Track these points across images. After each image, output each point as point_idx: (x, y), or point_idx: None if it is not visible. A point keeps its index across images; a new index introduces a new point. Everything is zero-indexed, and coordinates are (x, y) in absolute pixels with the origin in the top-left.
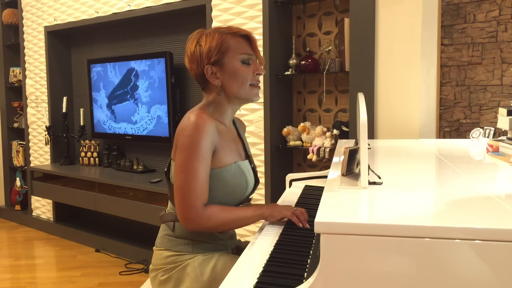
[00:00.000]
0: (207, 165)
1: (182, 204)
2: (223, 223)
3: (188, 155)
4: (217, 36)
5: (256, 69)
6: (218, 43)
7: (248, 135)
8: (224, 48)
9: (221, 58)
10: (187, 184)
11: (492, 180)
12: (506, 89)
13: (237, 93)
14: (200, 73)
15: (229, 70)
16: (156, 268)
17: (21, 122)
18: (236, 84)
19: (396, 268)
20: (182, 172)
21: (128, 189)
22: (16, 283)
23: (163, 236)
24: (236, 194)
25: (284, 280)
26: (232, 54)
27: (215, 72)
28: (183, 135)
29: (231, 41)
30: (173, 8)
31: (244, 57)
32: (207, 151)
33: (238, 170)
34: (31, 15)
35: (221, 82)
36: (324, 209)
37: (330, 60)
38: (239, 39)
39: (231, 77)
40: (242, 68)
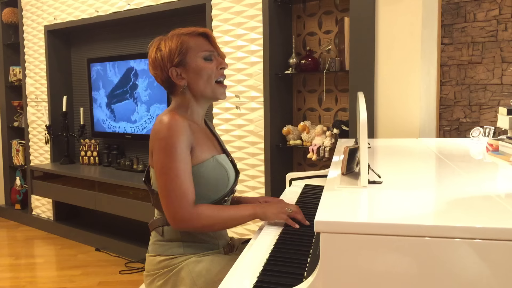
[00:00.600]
0: (187, 163)
1: (170, 206)
2: (214, 223)
3: (166, 156)
4: (176, 38)
5: (219, 63)
6: (178, 44)
7: (248, 134)
8: (184, 49)
9: (184, 59)
10: (170, 185)
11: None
12: (506, 88)
13: (204, 91)
14: (165, 77)
15: (193, 69)
16: (150, 274)
17: (21, 121)
18: (202, 82)
19: (396, 267)
20: (163, 174)
21: (128, 188)
22: (16, 282)
23: (154, 242)
24: (220, 188)
25: (284, 279)
26: (194, 53)
27: (180, 73)
28: (158, 138)
29: (190, 41)
30: (173, 7)
31: (206, 54)
32: (185, 150)
33: (217, 163)
34: (31, 14)
35: (187, 82)
36: (324, 208)
37: (330, 59)
38: (197, 38)
39: (196, 75)
40: (206, 65)
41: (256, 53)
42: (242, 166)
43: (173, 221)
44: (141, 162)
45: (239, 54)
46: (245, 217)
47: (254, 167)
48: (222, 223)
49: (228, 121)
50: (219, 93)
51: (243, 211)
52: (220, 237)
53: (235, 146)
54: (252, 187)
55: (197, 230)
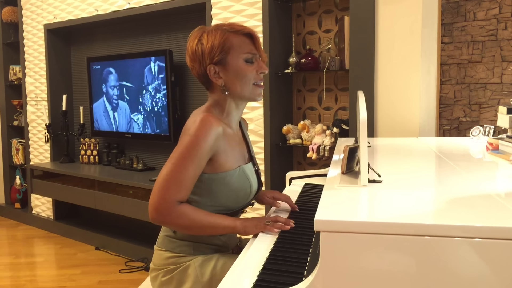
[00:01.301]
0: (199, 167)
1: (158, 193)
2: (190, 225)
3: (184, 151)
4: (220, 34)
5: (260, 67)
6: (221, 42)
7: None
8: (227, 47)
9: (224, 58)
10: (172, 176)
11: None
12: (506, 87)
13: (241, 92)
14: (202, 72)
15: (232, 70)
16: (156, 268)
17: (21, 120)
18: (239, 84)
19: (395, 266)
20: (171, 164)
21: (128, 187)
22: (16, 281)
23: (164, 236)
24: (240, 199)
25: (284, 278)
26: (236, 53)
27: (218, 72)
28: (186, 133)
29: (234, 40)
30: (172, 6)
31: (248, 56)
32: (204, 155)
33: (242, 174)
34: (30, 13)
35: (224, 82)
36: (324, 207)
37: (330, 58)
38: (241, 38)
39: (234, 77)
40: (246, 67)
41: None
42: None
43: (152, 209)
44: (140, 161)
45: None
46: (224, 228)
47: None
48: (199, 227)
49: None
50: (256, 95)
51: (223, 221)
52: (230, 239)
53: None
54: None
55: (171, 227)
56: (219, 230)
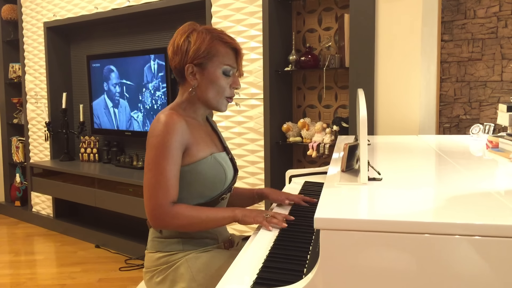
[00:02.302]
0: (176, 163)
1: (150, 202)
2: (190, 223)
3: (156, 153)
4: (208, 39)
5: (234, 82)
6: (208, 46)
7: (248, 131)
8: (211, 54)
9: (206, 62)
10: (154, 182)
11: (491, 176)
12: (506, 85)
13: (209, 100)
14: (180, 67)
15: (208, 76)
16: (149, 270)
17: (21, 118)
18: (211, 91)
19: (395, 264)
20: (150, 170)
21: (128, 185)
22: (16, 279)
23: (152, 239)
24: (216, 186)
25: (283, 276)
26: (217, 62)
27: (194, 72)
28: (153, 135)
29: (220, 49)
30: (172, 3)
31: (227, 68)
32: (177, 150)
33: (215, 161)
34: (30, 10)
35: (197, 83)
36: (323, 205)
37: (330, 56)
38: (227, 49)
39: (208, 83)
40: (221, 78)
41: (256, 50)
42: (242, 163)
43: (150, 217)
44: (140, 159)
45: None
46: (224, 219)
47: (254, 164)
48: (200, 223)
49: (227, 118)
50: (222, 106)
51: (222, 213)
52: (219, 233)
53: (235, 143)
54: (252, 184)
55: (173, 229)
56: (219, 222)
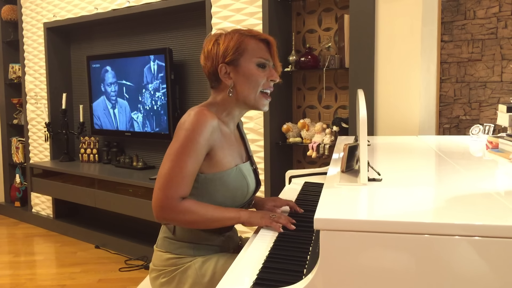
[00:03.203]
0: (197, 161)
1: (160, 191)
2: (196, 220)
3: (181, 146)
4: (237, 36)
5: (271, 75)
6: (237, 43)
7: (248, 132)
8: (241, 49)
9: (237, 59)
10: (171, 173)
11: (491, 176)
12: (506, 86)
13: (247, 96)
14: (213, 70)
15: (243, 72)
16: (156, 269)
17: (21, 118)
18: (248, 87)
19: (395, 264)
20: (170, 161)
21: (128, 185)
22: (16, 280)
23: (163, 238)
24: (237, 198)
25: (283, 277)
26: (249, 57)
27: (229, 72)
28: (181, 128)
29: (249, 43)
30: (172, 4)
31: (261, 61)
32: (201, 148)
33: (239, 173)
34: (30, 11)
35: (233, 83)
36: (323, 205)
37: (330, 56)
38: (258, 43)
39: (244, 79)
40: (257, 72)
41: None
42: None
43: (156, 207)
44: (140, 160)
45: None
46: (229, 220)
47: None
48: (204, 222)
49: None
50: (261, 104)
51: (228, 214)
52: (231, 240)
53: None
54: None
55: (176, 224)
56: (224, 222)
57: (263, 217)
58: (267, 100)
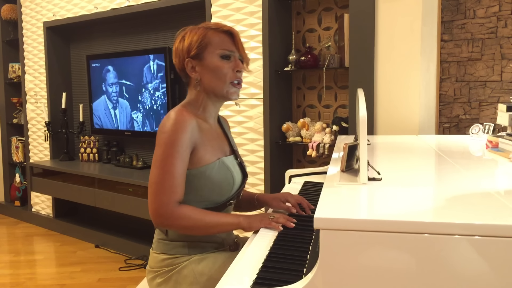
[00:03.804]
0: (184, 162)
1: (155, 199)
2: (194, 225)
3: (165, 151)
4: (200, 31)
5: (236, 65)
6: (200, 37)
7: (248, 131)
8: (204, 43)
9: (201, 52)
10: (161, 180)
11: (491, 176)
12: (506, 85)
13: (215, 88)
14: (182, 67)
15: (208, 65)
16: (153, 271)
17: (20, 118)
18: (214, 79)
19: (395, 263)
20: (157, 167)
21: (128, 185)
22: (16, 279)
23: (158, 240)
24: (224, 191)
25: (283, 276)
26: (213, 49)
27: (194, 66)
28: (162, 132)
29: (213, 37)
30: (172, 3)
31: (224, 53)
32: (185, 148)
33: (223, 166)
34: (30, 10)
35: (199, 77)
36: (323, 205)
37: (330, 56)
38: (221, 35)
39: (209, 72)
40: (221, 64)
41: (255, 50)
42: None
43: (153, 215)
44: (140, 159)
45: None
46: (228, 225)
47: (254, 164)
48: (203, 227)
49: (227, 118)
50: (230, 93)
51: (227, 219)
52: (226, 236)
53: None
54: (252, 184)
55: (175, 230)
56: (223, 228)
57: (262, 219)
58: (236, 89)
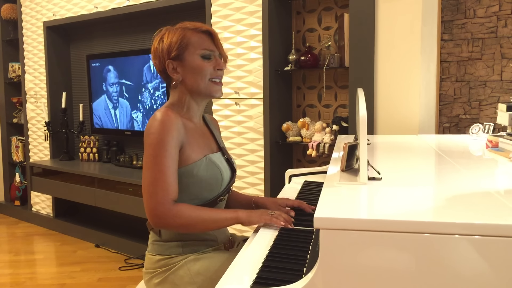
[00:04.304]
0: (174, 160)
1: (150, 200)
2: (192, 223)
3: (154, 151)
4: (179, 32)
5: (217, 64)
6: (179, 38)
7: (248, 131)
8: (184, 44)
9: (181, 53)
10: (154, 180)
11: (491, 175)
12: (506, 85)
13: (197, 88)
14: (162, 69)
15: (189, 65)
16: (149, 272)
17: (20, 117)
18: (195, 79)
19: (395, 263)
20: (148, 168)
21: (128, 184)
22: (16, 278)
23: (152, 242)
24: (213, 187)
25: (283, 275)
26: (193, 49)
27: (175, 67)
28: (149, 133)
29: (192, 37)
30: (172, 3)
31: (205, 52)
32: (174, 147)
33: (210, 162)
34: (30, 10)
35: (181, 77)
36: (323, 204)
37: (330, 55)
38: (200, 35)
39: (190, 72)
40: (202, 63)
41: (255, 50)
42: (242, 163)
43: (151, 216)
44: (140, 159)
45: (239, 51)
46: (226, 220)
47: (254, 163)
48: (201, 224)
49: (227, 118)
50: (213, 91)
51: (225, 214)
52: (219, 233)
53: (235, 143)
54: (252, 184)
55: (174, 229)
56: (222, 223)
57: (262, 214)
58: (218, 86)
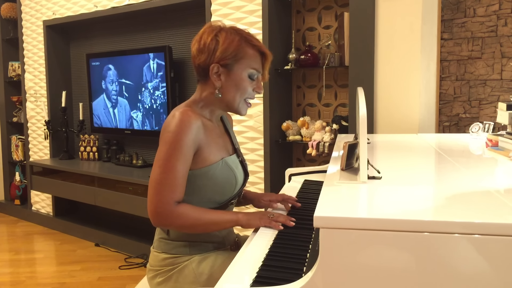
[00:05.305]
0: (186, 162)
1: (154, 198)
2: (193, 224)
3: (168, 150)
4: (237, 40)
5: (258, 87)
6: (236, 48)
7: (247, 130)
8: (239, 56)
9: (232, 64)
10: (162, 178)
11: (491, 174)
12: (506, 84)
13: (231, 101)
14: (204, 65)
15: (234, 78)
16: (153, 269)
17: (20, 116)
18: (234, 93)
19: (395, 262)
20: (159, 166)
21: (128, 183)
22: (16, 277)
23: (159, 239)
24: (226, 191)
25: (283, 274)
26: (244, 66)
27: (220, 73)
28: (167, 131)
29: (248, 52)
30: (172, 2)
31: (253, 72)
32: (189, 149)
33: (226, 166)
34: (29, 9)
35: (221, 85)
36: (323, 203)
37: (330, 54)
38: (255, 53)
39: (233, 85)
40: (247, 81)
41: None
42: None
43: (152, 214)
44: (140, 158)
45: None
46: (227, 223)
47: (254, 162)
48: (201, 225)
49: None
50: (243, 109)
51: (225, 217)
52: (225, 237)
53: None
54: (252, 183)
55: (173, 229)
56: (221, 225)
57: (262, 217)
58: (248, 106)
